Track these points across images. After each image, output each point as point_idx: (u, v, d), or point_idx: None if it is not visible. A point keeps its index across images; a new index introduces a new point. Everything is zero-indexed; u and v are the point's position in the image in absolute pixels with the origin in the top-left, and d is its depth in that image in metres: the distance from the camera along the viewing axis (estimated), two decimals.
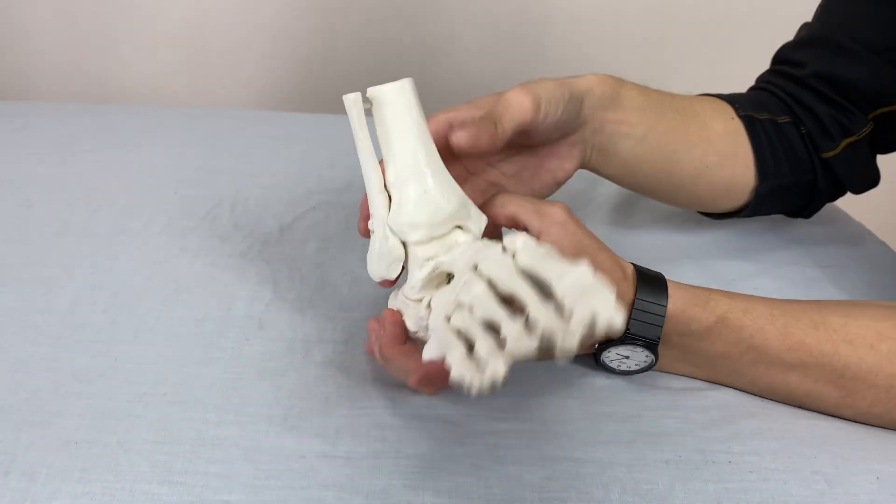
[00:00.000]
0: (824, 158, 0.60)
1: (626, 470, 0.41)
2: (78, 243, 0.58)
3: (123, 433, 0.41)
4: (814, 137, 0.60)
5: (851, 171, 0.61)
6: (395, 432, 0.42)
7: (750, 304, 0.45)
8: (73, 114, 0.83)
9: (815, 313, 0.45)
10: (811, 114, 0.59)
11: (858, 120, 0.59)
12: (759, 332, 0.44)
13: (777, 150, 0.59)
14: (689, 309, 0.44)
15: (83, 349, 0.47)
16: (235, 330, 0.50)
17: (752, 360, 0.45)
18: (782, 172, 0.60)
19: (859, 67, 0.57)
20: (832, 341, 0.44)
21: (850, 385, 0.44)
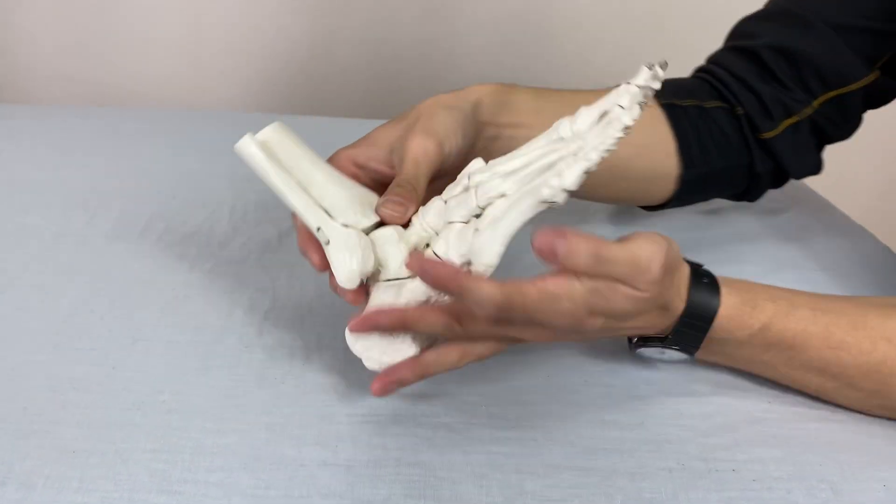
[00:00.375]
0: (764, 139, 0.59)
1: (629, 478, 0.41)
2: (75, 250, 0.57)
3: (122, 442, 0.41)
4: (752, 117, 0.59)
5: (792, 153, 0.60)
6: (396, 440, 0.42)
7: (793, 307, 0.45)
8: (69, 118, 0.82)
9: (856, 311, 0.45)
10: (752, 93, 0.58)
11: (800, 98, 0.58)
12: (801, 334, 0.44)
13: (703, 136, 0.58)
14: (735, 318, 0.44)
15: (81, 357, 0.46)
16: (234, 337, 0.49)
17: (790, 358, 0.45)
18: (710, 159, 0.59)
19: (817, 43, 0.57)
20: (871, 339, 0.44)
21: (887, 379, 0.44)
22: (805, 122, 0.59)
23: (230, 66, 1.14)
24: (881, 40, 0.57)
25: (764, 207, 0.73)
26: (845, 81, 0.58)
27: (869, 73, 0.58)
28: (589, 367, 0.48)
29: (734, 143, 0.60)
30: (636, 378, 0.48)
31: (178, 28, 1.10)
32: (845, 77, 0.58)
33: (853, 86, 0.58)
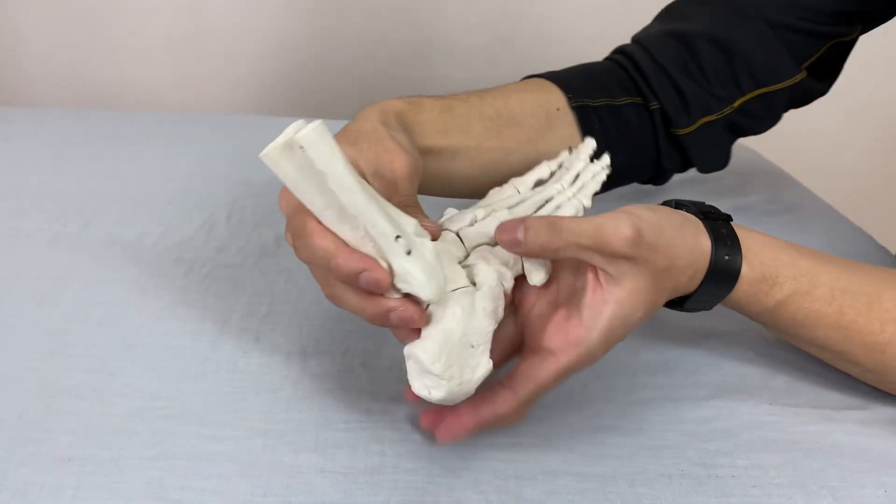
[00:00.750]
0: (677, 135, 0.58)
1: (629, 485, 0.40)
2: (71, 255, 0.57)
3: (118, 449, 0.40)
4: (668, 113, 0.58)
5: (703, 149, 0.60)
6: (393, 446, 0.42)
7: (814, 286, 0.44)
8: (66, 121, 0.82)
9: (874, 289, 0.44)
10: (673, 87, 0.57)
11: (723, 99, 0.58)
12: (814, 314, 0.44)
13: (611, 136, 0.57)
14: (752, 295, 0.43)
15: (77, 364, 0.46)
16: (231, 343, 0.49)
17: (796, 332, 0.46)
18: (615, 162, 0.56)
19: (753, 39, 0.56)
20: (881, 320, 0.44)
21: (887, 361, 0.44)
22: (722, 120, 0.58)
23: (227, 68, 1.14)
24: (813, 40, 0.58)
25: (761, 210, 0.73)
26: (775, 80, 0.58)
27: (798, 73, 0.58)
28: (588, 371, 0.48)
29: (642, 141, 0.59)
30: (636, 382, 0.48)
31: (175, 30, 1.10)
32: (776, 75, 0.58)
33: (781, 84, 0.58)
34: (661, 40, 0.59)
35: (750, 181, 0.79)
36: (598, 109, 0.57)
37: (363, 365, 0.48)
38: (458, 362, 0.37)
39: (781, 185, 0.80)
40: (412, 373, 0.37)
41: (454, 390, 0.37)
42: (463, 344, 0.37)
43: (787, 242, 0.46)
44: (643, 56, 0.59)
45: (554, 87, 0.57)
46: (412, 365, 0.37)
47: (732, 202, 0.74)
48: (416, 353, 0.37)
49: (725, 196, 0.75)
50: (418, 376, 0.37)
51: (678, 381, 0.48)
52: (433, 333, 0.37)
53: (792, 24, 0.57)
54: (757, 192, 0.76)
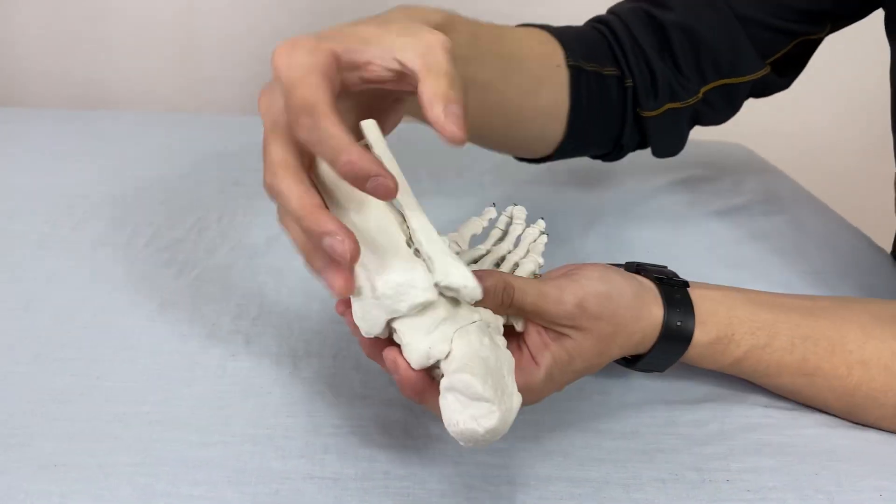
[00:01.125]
0: (642, 117, 0.59)
1: (623, 490, 0.40)
2: (60, 257, 0.56)
3: (104, 455, 0.40)
4: (639, 94, 0.58)
5: (662, 135, 0.61)
6: (384, 452, 0.41)
7: (772, 338, 0.44)
8: (58, 121, 0.81)
9: (836, 332, 0.44)
10: (648, 68, 0.58)
11: (689, 87, 0.58)
12: (774, 365, 0.44)
13: (593, 107, 0.57)
14: (707, 356, 0.44)
15: (63, 368, 0.46)
16: (221, 346, 0.48)
17: (762, 382, 0.46)
18: (589, 130, 0.58)
19: (721, 31, 0.57)
20: (847, 363, 0.43)
21: (860, 402, 0.44)
22: (687, 109, 0.59)
23: (223, 68, 1.13)
24: (781, 37, 0.58)
25: (757, 210, 0.72)
26: (738, 73, 0.58)
27: (761, 68, 0.59)
28: None
29: (614, 115, 0.59)
30: (630, 385, 0.47)
31: (172, 29, 1.09)
32: (740, 69, 0.58)
33: (744, 78, 0.59)
34: (639, 20, 0.58)
35: (745, 180, 0.78)
36: (589, 75, 0.57)
37: (355, 368, 0.47)
38: (501, 388, 0.34)
39: (777, 184, 0.79)
40: (455, 406, 0.33)
41: (505, 418, 0.33)
42: (498, 371, 0.35)
43: (746, 295, 0.45)
44: (623, 31, 0.58)
45: (555, 42, 0.57)
46: (455, 397, 0.33)
47: (728, 202, 0.73)
48: (464, 378, 0.33)
49: (721, 196, 0.74)
50: (464, 408, 0.33)
51: (672, 383, 0.47)
52: (468, 361, 0.34)
53: (761, 20, 0.57)
54: (752, 192, 0.76)
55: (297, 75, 0.32)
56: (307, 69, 0.32)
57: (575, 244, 0.64)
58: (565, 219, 0.68)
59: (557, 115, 0.56)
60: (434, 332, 0.34)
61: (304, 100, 0.32)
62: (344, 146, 0.31)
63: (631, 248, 0.64)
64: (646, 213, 0.69)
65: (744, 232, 0.68)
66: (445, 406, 0.34)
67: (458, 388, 0.33)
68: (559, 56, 0.56)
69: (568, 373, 0.40)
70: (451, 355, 0.34)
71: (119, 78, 1.12)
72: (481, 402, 0.33)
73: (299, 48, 0.33)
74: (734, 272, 0.61)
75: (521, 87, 0.53)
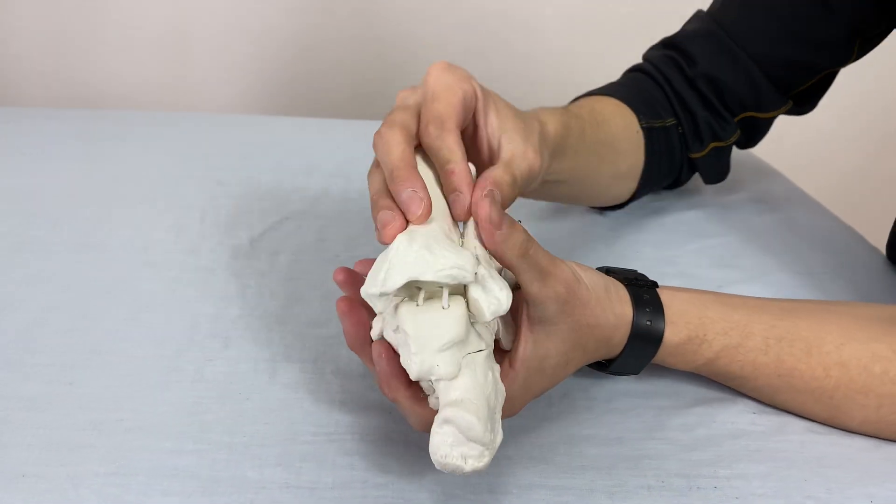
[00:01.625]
0: (690, 158, 0.64)
1: (607, 497, 0.39)
2: (37, 260, 0.55)
3: (74, 465, 0.39)
4: (687, 138, 0.63)
5: (712, 169, 0.66)
6: (362, 459, 0.40)
7: (746, 337, 0.43)
8: (40, 120, 0.80)
9: (813, 334, 0.43)
10: (691, 116, 0.62)
11: (729, 128, 0.63)
12: (749, 365, 0.43)
13: (662, 159, 0.62)
14: (678, 356, 0.43)
15: (36, 374, 0.44)
16: (198, 350, 0.47)
17: (738, 384, 0.45)
18: (660, 178, 0.64)
19: (741, 76, 0.60)
20: (824, 365, 0.42)
21: (840, 405, 0.43)
22: (729, 146, 0.65)
23: (213, 67, 1.12)
24: (798, 72, 0.61)
25: (751, 209, 0.71)
26: (763, 110, 0.63)
27: (783, 104, 0.62)
28: (568, 379, 0.46)
29: (676, 161, 0.64)
30: (616, 390, 0.46)
31: (164, 28, 1.08)
32: (763, 107, 0.62)
33: (768, 114, 0.63)
34: (673, 72, 0.62)
35: (740, 179, 0.77)
36: (658, 132, 0.61)
37: (334, 373, 0.46)
38: (494, 428, 0.34)
39: (771, 182, 0.78)
40: (448, 440, 0.32)
41: (490, 460, 0.33)
42: (493, 409, 0.34)
43: (718, 297, 0.45)
44: (664, 82, 0.63)
45: (627, 108, 0.60)
46: (452, 432, 0.32)
47: (722, 200, 0.72)
48: (468, 419, 0.32)
49: (715, 195, 0.73)
50: (457, 445, 0.32)
51: (660, 388, 0.46)
52: (473, 398, 0.33)
53: (778, 58, 0.59)
54: (746, 191, 0.75)
55: (441, 90, 0.40)
56: (451, 89, 0.40)
57: (563, 243, 0.63)
58: (554, 219, 0.67)
59: (634, 174, 0.61)
60: (445, 353, 0.34)
61: (438, 112, 0.39)
62: (456, 159, 0.38)
63: (621, 248, 0.63)
64: (636, 212, 0.68)
65: (736, 231, 0.67)
66: (439, 436, 0.33)
67: (458, 424, 0.32)
68: (636, 123, 0.60)
69: (544, 371, 0.38)
70: (454, 382, 0.34)
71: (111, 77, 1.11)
72: (476, 444, 0.33)
73: (453, 71, 0.41)
74: (726, 272, 0.60)
75: (613, 162, 0.58)
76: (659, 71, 0.63)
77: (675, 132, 0.62)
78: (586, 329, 0.39)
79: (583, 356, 0.40)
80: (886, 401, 0.42)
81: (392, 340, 0.35)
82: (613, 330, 0.41)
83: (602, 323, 0.40)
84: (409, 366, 0.34)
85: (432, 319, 0.34)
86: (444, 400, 0.33)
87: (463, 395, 0.33)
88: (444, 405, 0.33)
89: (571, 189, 0.55)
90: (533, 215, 0.66)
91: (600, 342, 0.41)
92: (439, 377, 0.34)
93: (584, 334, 0.39)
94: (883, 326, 0.43)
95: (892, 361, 0.42)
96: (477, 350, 0.35)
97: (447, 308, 0.34)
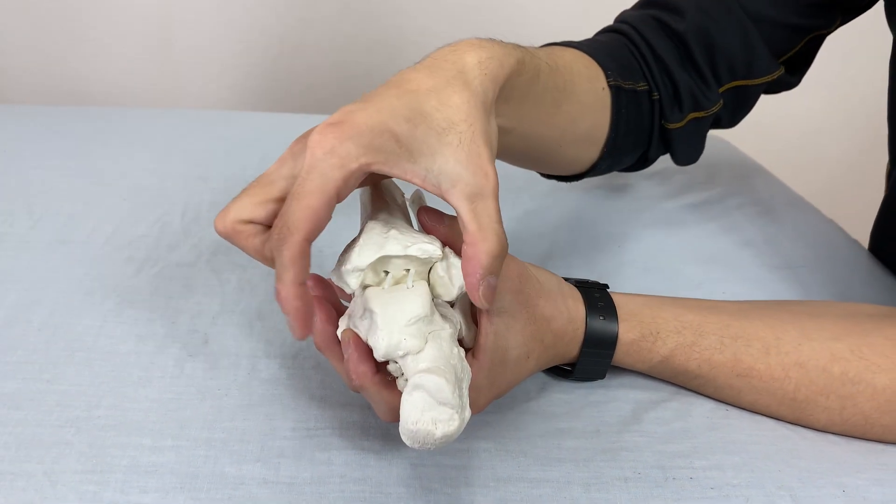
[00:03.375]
0: (667, 129, 0.57)
1: (584, 489, 0.39)
2: (15, 256, 0.55)
3: (51, 462, 0.39)
4: (664, 106, 0.56)
5: (686, 145, 0.58)
6: (341, 455, 0.40)
7: (699, 336, 0.43)
8: (21, 117, 0.79)
9: (771, 334, 0.43)
10: (670, 80, 0.56)
11: (712, 96, 0.56)
12: (705, 363, 0.44)
13: (630, 124, 0.55)
14: (633, 353, 0.44)
15: (13, 371, 0.44)
16: (178, 346, 0.47)
17: (699, 385, 0.45)
18: (624, 148, 0.56)
19: (735, 33, 0.55)
20: (783, 366, 0.43)
21: (803, 407, 0.43)
22: (708, 117, 0.57)
23: (199, 64, 1.12)
24: (793, 34, 0.56)
25: (731, 203, 0.72)
26: (753, 75, 0.57)
27: (776, 69, 0.57)
28: (546, 373, 0.47)
29: (645, 130, 0.57)
30: (593, 385, 0.47)
31: (149, 23, 1.08)
32: (754, 71, 0.56)
33: (759, 80, 0.57)
34: (654, 30, 0.56)
35: (720, 173, 0.78)
36: (627, 93, 0.54)
37: (315, 368, 0.46)
38: (462, 398, 0.34)
39: (752, 176, 0.79)
40: (419, 405, 0.33)
41: (460, 428, 0.33)
42: (461, 382, 0.35)
43: (672, 300, 0.46)
44: (642, 43, 0.56)
45: (593, 62, 0.54)
46: (422, 397, 0.33)
47: (702, 195, 0.73)
48: (437, 381, 0.33)
49: (694, 188, 0.74)
50: (428, 409, 0.32)
51: (637, 382, 0.47)
52: (440, 364, 0.34)
53: (773, 18, 0.55)
54: (727, 184, 0.75)
55: (312, 185, 0.32)
56: (322, 186, 0.32)
57: (543, 243, 0.63)
58: (536, 212, 0.67)
59: (597, 137, 0.54)
60: (411, 327, 0.34)
61: (290, 219, 0.32)
62: (287, 279, 0.33)
63: (600, 242, 0.64)
64: (615, 206, 0.68)
65: (716, 225, 0.68)
66: (409, 403, 0.33)
67: (427, 388, 0.33)
68: (602, 79, 0.53)
69: (507, 364, 0.39)
70: (421, 354, 0.34)
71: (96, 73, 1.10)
72: (445, 406, 0.33)
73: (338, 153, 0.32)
74: (705, 267, 0.61)
75: (570, 116, 0.50)
76: (636, 30, 0.57)
77: (646, 98, 0.55)
78: (542, 321, 0.40)
79: (542, 350, 0.41)
80: (848, 402, 0.42)
81: (360, 329, 0.36)
82: (567, 323, 0.41)
83: (556, 315, 0.41)
84: (376, 344, 0.34)
85: (398, 298, 0.35)
86: (412, 372, 0.34)
87: (430, 364, 0.34)
88: (412, 375, 0.34)
89: (519, 142, 0.46)
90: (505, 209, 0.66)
91: (557, 336, 0.41)
92: (406, 351, 0.34)
93: (540, 326, 0.40)
94: (841, 324, 0.44)
95: (851, 362, 0.42)
96: (441, 329, 0.36)
97: (412, 287, 0.36)
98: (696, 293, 0.56)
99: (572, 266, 0.60)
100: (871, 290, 0.60)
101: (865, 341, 0.42)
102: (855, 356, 0.42)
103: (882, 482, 0.41)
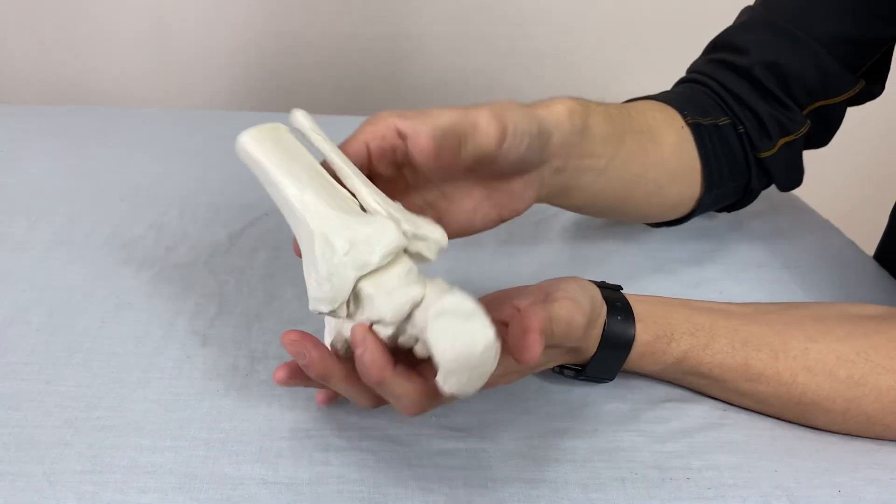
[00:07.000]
0: (760, 158, 0.58)
1: (581, 490, 0.40)
2: (14, 257, 0.55)
3: (51, 463, 0.39)
4: (751, 137, 0.57)
5: (784, 170, 0.59)
6: (339, 455, 0.40)
7: (712, 339, 0.44)
8: (19, 117, 0.79)
9: (777, 339, 0.44)
10: (751, 112, 0.57)
11: (797, 118, 0.57)
12: (717, 367, 0.44)
13: (720, 157, 0.57)
14: (648, 355, 0.44)
15: (13, 372, 0.44)
16: (177, 347, 0.47)
17: (707, 385, 0.45)
18: (724, 179, 0.57)
19: (806, 58, 0.55)
20: (791, 370, 0.43)
21: (807, 409, 0.43)
22: (800, 139, 0.58)
23: (195, 63, 1.12)
24: (864, 48, 0.56)
25: None
26: (831, 94, 0.57)
27: (856, 84, 0.57)
28: (544, 372, 0.47)
29: (739, 163, 0.58)
30: (590, 385, 0.47)
31: (142, 23, 1.08)
32: (832, 91, 0.57)
33: (840, 98, 0.57)
34: (722, 71, 0.58)
35: None
36: (708, 129, 0.56)
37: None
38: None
39: None
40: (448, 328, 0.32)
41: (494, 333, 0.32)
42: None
43: (681, 301, 0.46)
44: (715, 84, 0.58)
45: (668, 107, 0.56)
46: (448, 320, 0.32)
47: None
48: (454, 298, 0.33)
49: None
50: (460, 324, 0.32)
51: (634, 382, 0.47)
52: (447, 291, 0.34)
53: (840, 36, 0.55)
54: None
55: None
56: None
57: (538, 251, 0.63)
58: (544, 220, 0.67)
59: (692, 174, 0.56)
60: (403, 282, 0.34)
61: None
62: None
63: (602, 241, 0.64)
64: None
65: (715, 225, 0.68)
66: (437, 332, 0.32)
67: (449, 309, 0.33)
68: (678, 118, 0.55)
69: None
70: (425, 300, 0.34)
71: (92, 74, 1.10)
72: (476, 316, 0.32)
73: None
74: (702, 268, 0.61)
75: (659, 156, 0.52)
76: (704, 74, 0.58)
77: (731, 131, 0.57)
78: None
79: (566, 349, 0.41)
80: (853, 405, 0.42)
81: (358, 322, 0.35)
82: (593, 323, 0.41)
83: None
84: (383, 314, 0.34)
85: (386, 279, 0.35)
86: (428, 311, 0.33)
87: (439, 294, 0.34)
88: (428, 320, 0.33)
89: (616, 183, 0.49)
90: None
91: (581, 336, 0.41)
92: (414, 301, 0.34)
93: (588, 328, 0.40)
94: (845, 326, 0.44)
95: (857, 364, 0.42)
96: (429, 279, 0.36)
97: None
98: (694, 293, 0.57)
99: (574, 266, 0.60)
100: (870, 291, 0.60)
101: (870, 343, 0.43)
102: (861, 358, 0.42)
103: (877, 482, 0.41)
